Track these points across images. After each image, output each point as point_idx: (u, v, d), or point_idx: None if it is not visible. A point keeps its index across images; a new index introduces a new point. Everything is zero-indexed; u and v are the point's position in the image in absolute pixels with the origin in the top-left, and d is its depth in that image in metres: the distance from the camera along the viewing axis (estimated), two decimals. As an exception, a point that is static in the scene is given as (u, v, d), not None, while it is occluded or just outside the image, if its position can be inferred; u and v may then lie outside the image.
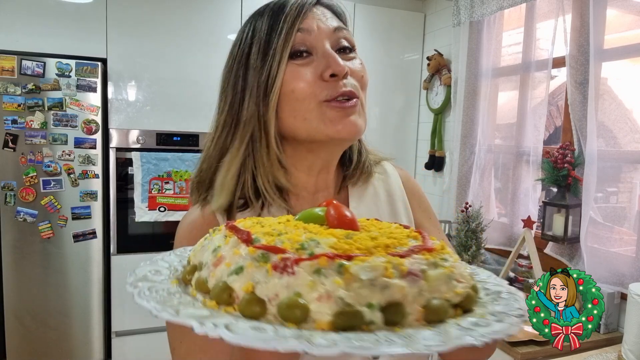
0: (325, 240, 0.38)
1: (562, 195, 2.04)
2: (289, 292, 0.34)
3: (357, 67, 0.67)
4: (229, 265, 0.38)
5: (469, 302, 0.39)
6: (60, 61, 2.45)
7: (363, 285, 0.34)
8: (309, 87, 0.62)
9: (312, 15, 0.66)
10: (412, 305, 0.35)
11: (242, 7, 2.78)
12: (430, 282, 0.37)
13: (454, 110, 2.78)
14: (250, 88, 0.65)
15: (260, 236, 0.39)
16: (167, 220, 2.70)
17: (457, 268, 0.40)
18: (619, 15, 1.99)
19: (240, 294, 0.36)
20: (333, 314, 0.33)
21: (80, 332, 2.64)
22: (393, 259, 0.36)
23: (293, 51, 0.64)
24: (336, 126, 0.63)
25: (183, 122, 2.73)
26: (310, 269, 0.35)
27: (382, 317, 0.34)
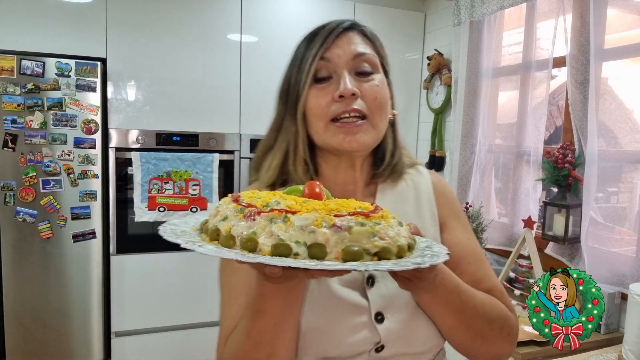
0: (285, 202, 0.53)
1: (562, 195, 2.04)
2: (248, 232, 0.50)
3: (371, 89, 0.79)
4: (221, 215, 0.54)
5: (385, 253, 0.51)
6: (59, 61, 2.45)
7: (296, 229, 0.49)
8: (322, 108, 0.77)
9: (337, 43, 0.79)
10: (333, 248, 0.49)
11: (242, 7, 2.78)
12: (353, 234, 0.50)
13: (454, 110, 2.77)
14: (289, 103, 0.81)
15: (245, 199, 0.55)
16: (166, 220, 2.69)
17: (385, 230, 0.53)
18: (619, 15, 1.98)
19: (222, 233, 0.52)
20: (272, 246, 0.48)
21: (80, 332, 2.64)
22: (326, 216, 0.50)
23: (316, 77, 0.78)
24: (341, 142, 0.77)
25: (183, 122, 2.73)
26: (266, 217, 0.51)
27: (306, 251, 0.48)
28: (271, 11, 2.84)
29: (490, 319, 0.76)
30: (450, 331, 0.76)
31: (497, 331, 0.76)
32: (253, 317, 0.65)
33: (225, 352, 0.72)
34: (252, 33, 2.81)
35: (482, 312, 0.75)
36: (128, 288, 2.70)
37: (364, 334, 0.73)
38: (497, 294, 0.80)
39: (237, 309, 0.73)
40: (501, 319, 0.77)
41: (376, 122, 0.79)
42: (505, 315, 0.78)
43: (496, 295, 0.80)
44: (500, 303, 0.79)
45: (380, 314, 0.74)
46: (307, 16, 2.91)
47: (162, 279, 2.75)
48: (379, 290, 0.76)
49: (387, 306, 0.75)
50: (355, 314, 0.74)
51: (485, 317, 0.75)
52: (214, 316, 2.88)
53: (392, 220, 0.56)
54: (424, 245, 0.60)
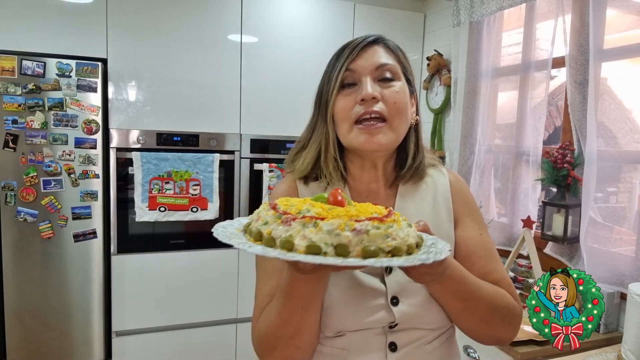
0: (315, 209, 0.63)
1: (561, 195, 2.05)
2: (286, 234, 0.60)
3: (391, 94, 0.88)
4: (262, 220, 0.64)
5: (397, 251, 0.60)
6: (60, 61, 2.46)
7: (325, 232, 0.59)
8: (346, 111, 0.88)
9: (362, 55, 0.89)
10: (354, 247, 0.59)
11: (242, 7, 2.78)
12: (370, 236, 0.60)
13: (453, 110, 2.78)
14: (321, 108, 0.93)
15: (281, 206, 0.66)
16: (167, 220, 2.71)
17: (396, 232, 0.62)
18: (618, 15, 1.99)
19: (265, 235, 0.62)
20: (305, 246, 0.58)
21: (81, 332, 2.64)
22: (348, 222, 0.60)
23: (342, 84, 0.89)
24: (362, 142, 0.87)
25: (183, 122, 2.73)
26: (300, 223, 0.60)
27: (333, 251, 0.58)
28: (271, 12, 2.84)
29: (494, 307, 0.84)
30: (457, 316, 0.86)
31: (500, 318, 0.84)
32: (284, 300, 0.76)
33: (259, 324, 0.84)
34: (252, 33, 2.82)
35: (487, 301, 0.83)
36: (129, 288, 2.70)
37: (381, 314, 0.84)
38: (505, 285, 0.89)
39: (269, 288, 0.85)
40: (505, 308, 0.85)
41: (395, 125, 0.88)
42: (509, 304, 0.86)
43: (504, 287, 0.88)
44: (506, 293, 0.87)
45: (396, 298, 0.85)
46: (307, 17, 2.91)
47: (162, 279, 2.76)
48: (396, 278, 0.86)
49: (402, 291, 0.85)
50: (374, 296, 0.84)
51: (489, 305, 0.83)
52: (214, 316, 2.89)
53: (402, 223, 0.64)
54: (430, 242, 0.69)
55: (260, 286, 0.89)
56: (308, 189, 0.95)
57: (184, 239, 2.81)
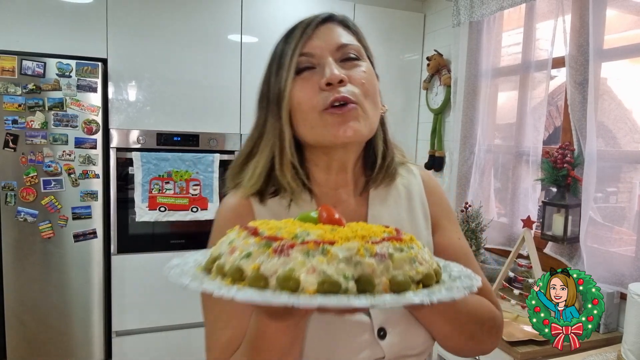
0: (314, 232, 0.48)
1: (561, 195, 2.05)
2: (284, 268, 0.44)
3: (358, 74, 0.74)
4: (241, 252, 0.47)
5: (428, 280, 0.48)
6: (60, 61, 2.46)
7: (340, 261, 0.44)
8: (310, 99, 0.72)
9: (317, 35, 0.75)
10: (380, 278, 0.45)
11: (242, 7, 2.78)
12: (395, 262, 0.46)
13: (453, 111, 2.78)
14: (271, 103, 0.76)
15: (264, 230, 0.49)
16: (167, 220, 2.71)
17: (420, 254, 0.50)
18: (618, 16, 1.99)
19: (249, 272, 0.45)
20: (317, 283, 0.42)
21: (81, 331, 2.64)
22: (366, 244, 0.46)
23: (298, 69, 0.73)
24: (336, 132, 0.71)
25: (183, 122, 2.73)
26: (302, 251, 0.45)
27: (355, 286, 0.43)
28: (271, 12, 2.84)
29: (481, 321, 0.77)
30: (445, 338, 0.76)
31: (487, 331, 0.77)
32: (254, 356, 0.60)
33: None
34: (252, 34, 2.82)
35: (474, 316, 0.75)
36: (129, 288, 2.70)
37: (367, 353, 0.72)
38: (486, 293, 0.81)
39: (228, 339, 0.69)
40: (491, 320, 0.78)
41: (367, 110, 0.73)
42: (494, 315, 0.79)
43: (485, 294, 0.80)
44: (489, 302, 0.80)
45: (383, 329, 0.73)
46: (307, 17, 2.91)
47: (162, 279, 2.74)
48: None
49: (387, 320, 0.74)
50: (358, 332, 0.72)
51: (476, 320, 0.76)
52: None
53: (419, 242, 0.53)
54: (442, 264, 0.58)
55: (215, 336, 0.71)
56: (267, 208, 0.77)
57: (184, 239, 2.81)
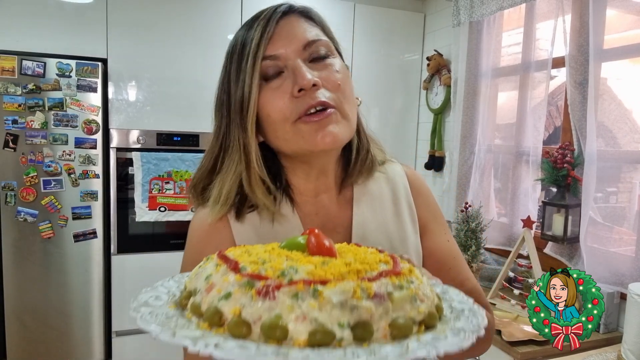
0: (303, 267, 0.42)
1: (561, 195, 2.05)
2: (270, 315, 0.38)
3: (332, 75, 0.67)
4: (220, 291, 0.42)
5: (431, 319, 0.43)
6: (60, 61, 2.46)
7: (335, 306, 0.39)
8: (282, 110, 0.65)
9: (279, 33, 0.67)
10: (378, 323, 0.40)
11: (242, 7, 2.78)
12: (395, 302, 0.41)
13: (453, 111, 2.78)
14: (233, 113, 0.68)
15: (246, 264, 0.43)
16: (167, 220, 2.71)
17: (421, 289, 0.45)
18: (618, 15, 1.99)
19: (229, 316, 0.40)
20: (308, 333, 0.37)
21: (81, 332, 2.64)
22: (362, 283, 0.41)
23: (263, 75, 0.66)
24: (314, 140, 0.65)
25: (183, 122, 2.73)
26: (289, 293, 0.39)
27: (351, 335, 0.38)
28: (271, 11, 2.84)
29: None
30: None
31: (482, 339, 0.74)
32: None
33: None
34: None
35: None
36: (129, 288, 2.70)
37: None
38: (477, 295, 0.77)
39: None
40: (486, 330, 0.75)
41: (346, 112, 0.67)
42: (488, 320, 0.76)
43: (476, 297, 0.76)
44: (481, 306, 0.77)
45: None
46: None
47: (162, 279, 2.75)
48: None
49: None
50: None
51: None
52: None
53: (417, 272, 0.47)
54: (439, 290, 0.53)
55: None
56: (245, 224, 0.70)
57: (184, 239, 2.80)
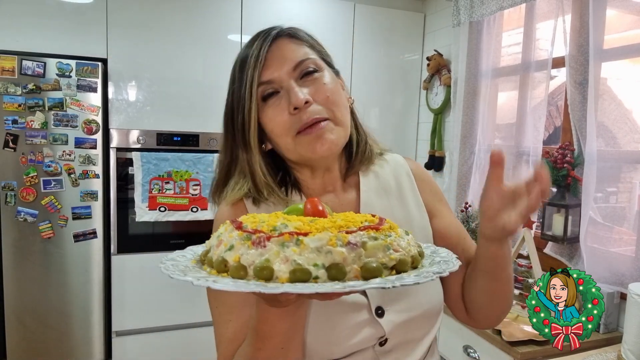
0: (293, 223, 0.51)
1: (561, 195, 2.05)
2: (261, 259, 0.48)
3: (321, 89, 0.76)
4: (226, 245, 0.51)
5: (402, 266, 0.50)
6: (60, 61, 2.46)
7: (312, 251, 0.47)
8: (283, 124, 0.75)
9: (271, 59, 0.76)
10: (351, 266, 0.48)
11: (242, 7, 2.78)
12: (368, 250, 0.49)
13: (453, 111, 2.78)
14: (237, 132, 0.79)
15: (248, 224, 0.53)
16: (167, 220, 2.71)
17: (397, 241, 0.52)
18: (618, 15, 1.99)
19: (231, 263, 0.49)
20: (289, 272, 0.46)
21: (81, 331, 2.64)
22: (339, 234, 0.49)
23: (262, 97, 0.76)
24: (313, 148, 0.75)
25: (183, 122, 2.73)
26: (277, 242, 0.48)
27: (326, 274, 0.47)
28: (271, 12, 2.84)
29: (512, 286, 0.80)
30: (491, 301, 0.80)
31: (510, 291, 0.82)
32: (259, 344, 0.62)
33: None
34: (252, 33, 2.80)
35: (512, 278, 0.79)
36: (129, 288, 2.70)
37: (367, 331, 0.74)
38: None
39: (232, 332, 0.71)
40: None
41: (338, 119, 0.77)
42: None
43: None
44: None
45: (380, 308, 0.76)
46: (307, 16, 2.91)
47: (162, 279, 2.75)
48: None
49: (385, 299, 0.76)
50: (356, 311, 0.74)
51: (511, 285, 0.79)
52: (214, 316, 2.89)
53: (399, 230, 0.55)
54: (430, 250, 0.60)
55: (221, 331, 0.73)
56: (260, 209, 0.80)
57: (184, 239, 2.81)
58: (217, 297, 0.74)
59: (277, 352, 0.62)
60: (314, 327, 0.72)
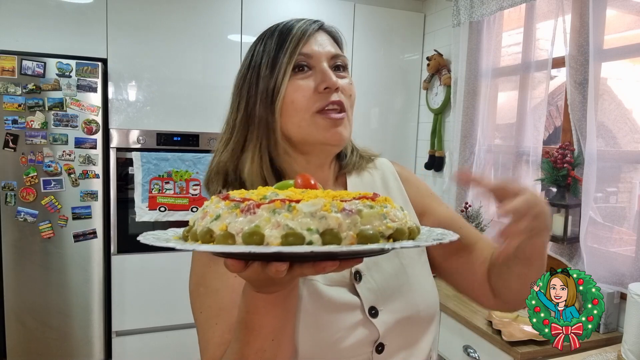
0: (284, 192, 0.49)
1: (561, 195, 2.05)
2: (250, 225, 0.44)
3: (348, 86, 0.79)
4: (211, 216, 0.48)
5: (399, 235, 0.48)
6: (60, 61, 2.46)
7: (305, 216, 0.44)
8: (306, 99, 0.75)
9: (314, 41, 0.78)
10: (346, 232, 0.45)
11: (242, 7, 2.78)
12: (364, 217, 0.46)
13: (453, 111, 2.78)
14: (260, 94, 0.77)
15: (236, 195, 0.50)
16: (167, 220, 2.71)
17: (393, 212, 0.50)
18: (618, 15, 1.99)
19: (217, 232, 0.46)
20: (281, 236, 0.43)
21: (81, 331, 2.64)
22: (333, 201, 0.46)
23: (295, 66, 0.76)
24: (325, 134, 0.75)
25: (183, 122, 2.73)
26: (268, 209, 0.45)
27: (320, 239, 0.44)
28: (271, 12, 2.84)
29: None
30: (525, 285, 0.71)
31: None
32: (248, 337, 0.58)
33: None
34: (252, 33, 2.81)
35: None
36: (129, 288, 2.70)
37: (361, 332, 0.72)
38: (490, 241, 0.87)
39: (220, 335, 0.67)
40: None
41: (350, 118, 0.80)
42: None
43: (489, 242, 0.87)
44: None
45: (374, 308, 0.74)
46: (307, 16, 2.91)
47: (162, 279, 2.76)
48: (368, 284, 0.75)
49: (379, 298, 0.75)
50: (349, 312, 0.72)
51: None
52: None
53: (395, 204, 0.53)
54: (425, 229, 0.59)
55: (207, 336, 0.70)
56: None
57: (184, 239, 2.81)
58: (203, 301, 0.71)
59: (267, 344, 0.58)
60: (305, 329, 0.69)
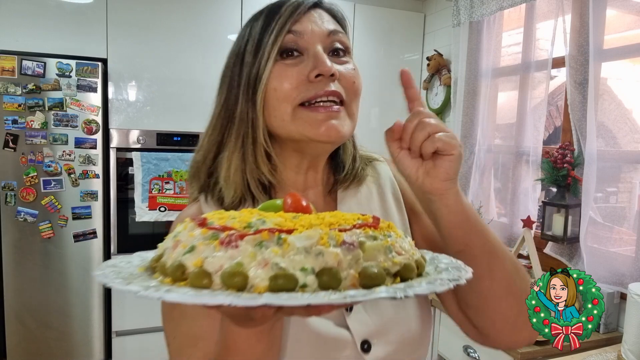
0: (272, 219, 0.40)
1: (561, 195, 2.05)
2: (231, 263, 0.36)
3: (349, 72, 0.66)
4: (185, 247, 0.40)
5: (407, 272, 0.40)
6: (60, 61, 2.46)
7: (298, 252, 0.37)
8: (291, 88, 0.62)
9: (308, 18, 0.65)
10: (347, 271, 0.37)
11: (242, 7, 2.78)
12: (367, 251, 0.39)
13: (453, 111, 2.78)
14: (243, 85, 0.65)
15: (214, 221, 0.42)
16: (167, 220, 2.71)
17: (399, 243, 0.42)
18: (618, 15, 1.99)
19: (191, 269, 0.38)
20: (269, 278, 0.35)
21: (81, 331, 2.64)
22: (331, 232, 0.39)
23: (283, 49, 0.64)
24: (317, 130, 0.63)
25: (183, 122, 2.73)
26: (253, 242, 0.37)
27: (316, 281, 0.36)
28: (271, 11, 2.84)
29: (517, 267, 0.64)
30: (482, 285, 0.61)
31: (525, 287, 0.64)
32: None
33: None
34: (252, 33, 2.82)
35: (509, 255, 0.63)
36: (129, 288, 2.70)
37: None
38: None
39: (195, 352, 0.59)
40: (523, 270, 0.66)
41: (352, 112, 0.66)
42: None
43: None
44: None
45: (367, 342, 0.65)
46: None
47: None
48: (360, 316, 0.65)
49: (372, 331, 0.65)
50: (339, 348, 0.63)
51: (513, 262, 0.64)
52: (214, 316, 2.88)
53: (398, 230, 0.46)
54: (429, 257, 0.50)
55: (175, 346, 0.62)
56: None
57: (184, 239, 2.81)
58: (177, 325, 0.61)
59: None
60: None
